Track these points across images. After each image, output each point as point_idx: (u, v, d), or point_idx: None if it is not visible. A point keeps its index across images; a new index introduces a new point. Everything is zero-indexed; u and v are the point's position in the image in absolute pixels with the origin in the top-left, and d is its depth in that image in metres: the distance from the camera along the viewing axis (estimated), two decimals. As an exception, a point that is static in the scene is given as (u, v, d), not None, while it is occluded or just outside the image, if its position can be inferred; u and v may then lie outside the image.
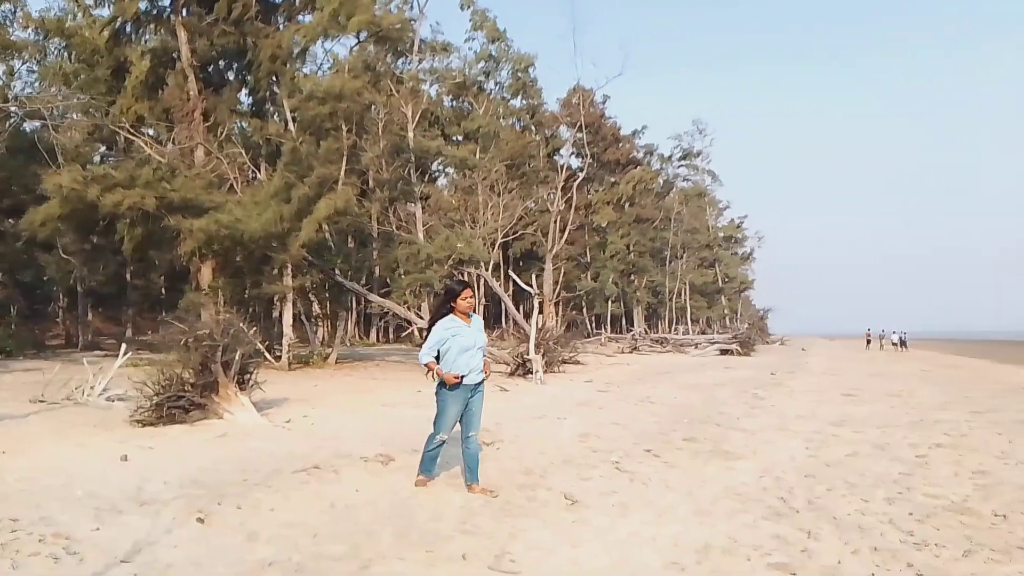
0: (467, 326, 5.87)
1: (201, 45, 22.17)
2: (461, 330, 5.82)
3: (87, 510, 5.13)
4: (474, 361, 5.86)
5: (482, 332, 6.09)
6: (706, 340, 42.05)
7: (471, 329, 5.90)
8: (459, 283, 6.06)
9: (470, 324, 5.91)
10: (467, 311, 5.90)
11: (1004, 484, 6.44)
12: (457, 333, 5.80)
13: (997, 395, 15.17)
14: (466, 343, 5.81)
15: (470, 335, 5.85)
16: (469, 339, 5.83)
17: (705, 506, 5.72)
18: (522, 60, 46.61)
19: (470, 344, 5.83)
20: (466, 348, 5.80)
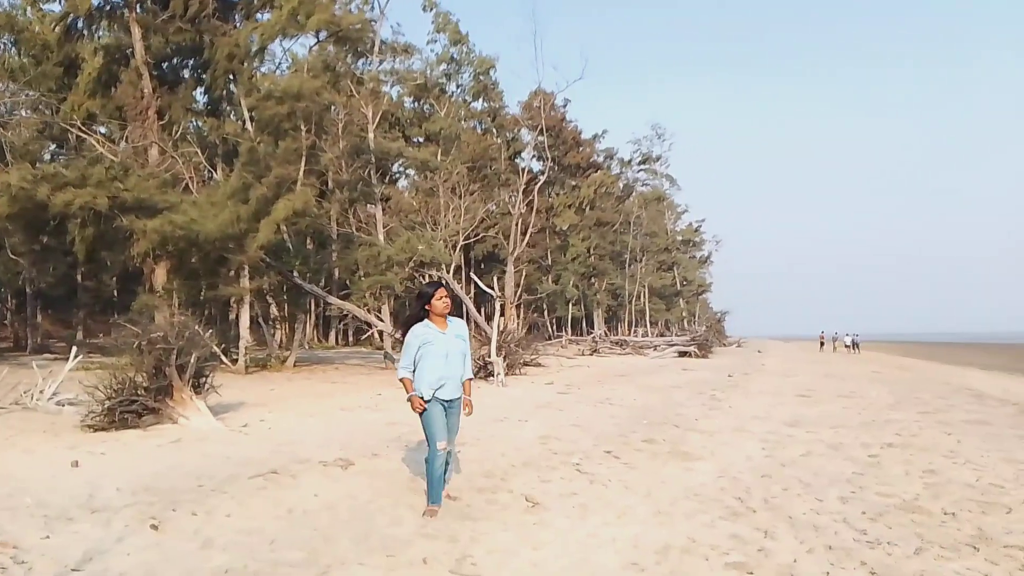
0: (442, 332, 5.31)
1: (156, 42, 21.77)
2: (434, 337, 5.29)
3: (36, 518, 4.99)
4: (449, 371, 5.29)
5: (464, 339, 5.48)
6: (665, 342, 42.49)
7: (446, 335, 5.32)
8: (431, 284, 5.45)
9: (446, 330, 5.34)
10: (442, 314, 5.32)
11: (953, 483, 6.62)
12: (429, 340, 5.28)
13: (945, 396, 15.59)
14: (439, 351, 5.26)
15: (443, 343, 5.29)
16: (442, 347, 5.27)
17: (664, 507, 5.78)
18: (483, 63, 46.69)
19: (442, 352, 5.27)
20: (439, 357, 5.26)
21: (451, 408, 5.41)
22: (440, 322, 5.35)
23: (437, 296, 5.31)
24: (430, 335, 5.30)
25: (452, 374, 5.32)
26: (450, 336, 5.35)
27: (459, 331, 5.45)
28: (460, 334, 5.44)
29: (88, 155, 22.97)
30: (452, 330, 5.38)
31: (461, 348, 5.40)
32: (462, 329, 5.49)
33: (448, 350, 5.30)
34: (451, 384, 5.34)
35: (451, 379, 5.32)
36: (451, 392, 5.35)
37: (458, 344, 5.38)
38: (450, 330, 5.37)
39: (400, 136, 42.11)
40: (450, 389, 5.33)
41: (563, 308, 57.94)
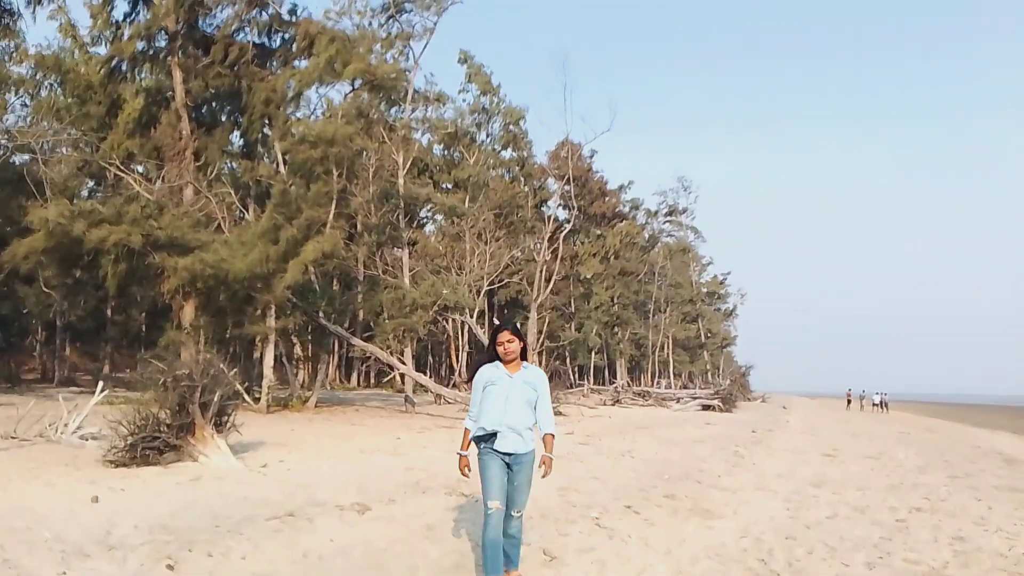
0: (509, 376, 4.70)
1: (196, 86, 22.43)
2: (499, 378, 4.71)
3: (53, 553, 5.00)
4: (509, 418, 4.63)
5: (536, 387, 4.76)
6: (688, 395, 42.01)
7: (514, 380, 4.69)
8: (498, 326, 4.89)
9: (515, 374, 4.72)
10: (510, 358, 4.70)
11: (983, 551, 6.42)
12: (492, 382, 4.71)
13: (975, 459, 15.20)
14: (499, 393, 4.67)
15: (506, 385, 4.68)
16: (503, 389, 4.67)
17: (684, 566, 5.66)
18: (513, 113, 47.33)
19: (502, 395, 4.66)
20: (499, 400, 4.67)
21: (515, 464, 4.66)
22: (512, 366, 4.76)
23: (499, 341, 4.74)
24: (495, 376, 4.74)
25: (513, 422, 4.62)
26: (517, 381, 4.71)
27: (530, 378, 4.77)
28: (530, 381, 4.75)
29: (125, 193, 23.56)
30: (522, 376, 4.74)
31: (527, 395, 4.70)
32: (535, 377, 4.82)
33: (510, 393, 4.66)
34: (512, 435, 4.63)
35: (512, 428, 4.63)
36: (512, 445, 4.63)
37: (524, 391, 4.70)
38: (519, 375, 4.73)
39: (429, 182, 42.66)
40: (511, 441, 4.63)
41: (585, 356, 57.63)
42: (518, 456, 4.65)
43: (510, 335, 4.72)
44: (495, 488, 4.58)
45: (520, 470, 4.65)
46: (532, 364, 4.91)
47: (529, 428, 4.69)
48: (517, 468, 4.65)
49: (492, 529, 4.56)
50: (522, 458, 4.67)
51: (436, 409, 24.80)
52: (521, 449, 4.65)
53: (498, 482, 4.60)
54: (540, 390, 4.80)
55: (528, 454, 4.69)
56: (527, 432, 4.67)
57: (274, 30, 23.80)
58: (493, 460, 4.62)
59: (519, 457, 4.66)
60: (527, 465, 4.71)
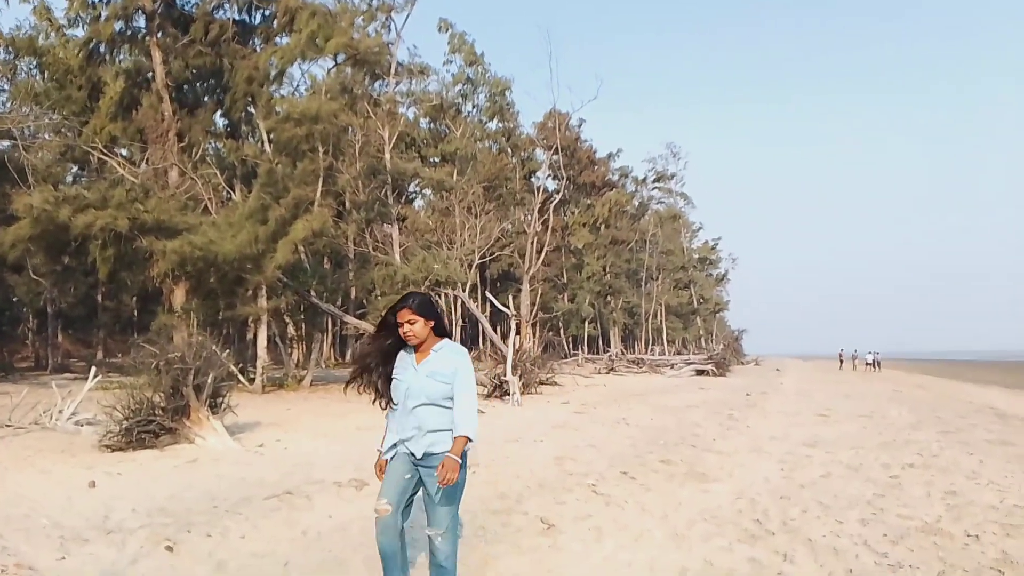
0: (414, 367, 3.72)
1: (176, 66, 22.14)
2: (403, 372, 3.76)
3: (51, 539, 5.01)
4: (407, 419, 3.70)
5: (445, 378, 3.67)
6: (682, 361, 42.24)
7: (418, 373, 3.70)
8: (398, 300, 3.82)
9: (418, 365, 3.72)
10: (413, 343, 3.72)
11: (975, 504, 6.50)
12: (396, 375, 3.79)
13: (966, 415, 15.37)
14: (399, 390, 3.74)
15: (407, 381, 3.71)
16: (402, 386, 3.72)
17: (681, 529, 5.71)
18: (499, 84, 46.97)
19: (401, 393, 3.73)
20: (398, 398, 3.76)
21: (426, 468, 3.68)
22: (423, 351, 3.76)
23: (399, 318, 3.71)
24: (400, 366, 3.80)
25: (414, 423, 3.68)
26: (420, 375, 3.70)
27: (440, 366, 3.70)
28: (440, 370, 3.68)
29: (109, 177, 23.29)
30: (429, 365, 3.70)
31: (433, 390, 3.65)
32: (450, 362, 3.72)
33: (410, 390, 3.70)
34: (418, 438, 3.68)
35: (413, 429, 3.69)
36: (420, 445, 3.67)
37: (428, 386, 3.66)
38: (426, 364, 3.71)
39: (416, 156, 42.41)
40: (419, 441, 3.67)
41: (579, 327, 57.79)
42: (427, 458, 3.66)
43: (411, 314, 3.66)
44: (389, 484, 3.69)
45: (431, 477, 3.64)
46: (453, 342, 3.85)
47: (446, 430, 3.67)
48: (427, 474, 3.67)
49: (380, 536, 3.69)
50: (432, 460, 3.63)
51: (432, 384, 24.84)
52: (428, 449, 3.65)
53: (397, 477, 3.70)
54: (457, 378, 3.69)
55: (440, 457, 3.60)
56: (442, 433, 3.66)
57: (254, 6, 23.44)
58: (398, 457, 3.75)
59: (428, 460, 3.66)
60: None
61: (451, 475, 3.48)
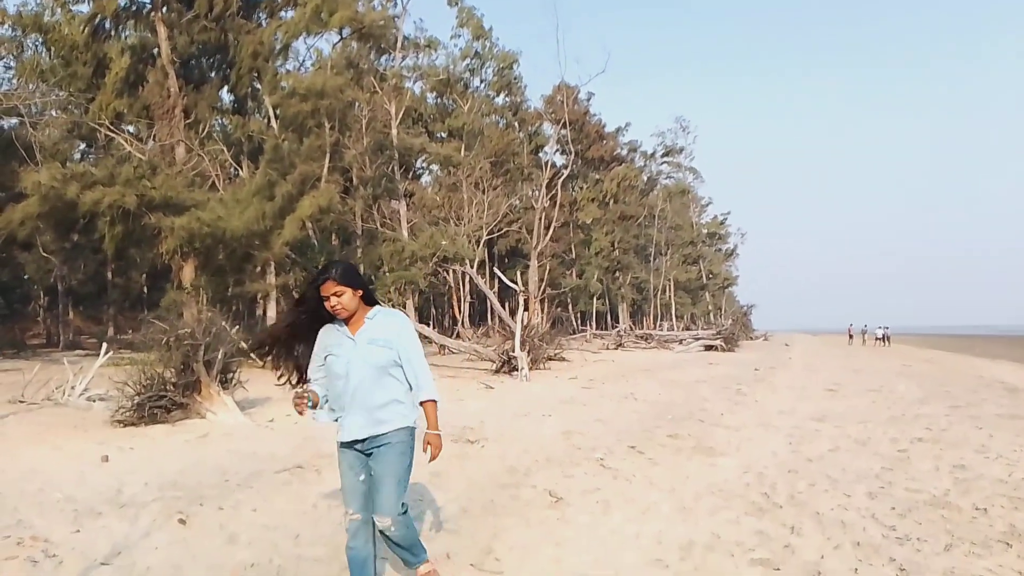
0: (351, 338, 3.37)
1: (181, 41, 22.03)
2: (339, 346, 3.39)
3: (65, 513, 5.07)
4: (353, 398, 3.35)
5: (389, 344, 3.37)
6: (690, 336, 42.23)
7: (357, 344, 3.36)
8: (320, 271, 3.43)
9: (356, 336, 3.37)
10: (343, 316, 3.37)
11: (983, 478, 6.50)
12: (331, 351, 3.41)
13: (976, 389, 15.33)
14: (339, 367, 3.37)
15: (347, 355, 3.35)
16: (343, 360, 3.35)
17: (688, 503, 5.73)
18: (506, 58, 46.58)
19: (342, 369, 3.35)
20: (339, 377, 3.38)
21: (373, 454, 3.38)
22: (356, 321, 3.42)
23: (323, 290, 3.33)
24: (334, 340, 3.41)
25: (359, 401, 3.34)
26: (361, 344, 3.35)
27: (380, 332, 3.39)
28: (381, 336, 3.37)
29: (116, 154, 23.31)
30: (367, 332, 3.37)
31: (379, 358, 3.34)
32: (390, 326, 3.43)
33: (351, 365, 3.34)
34: (360, 417, 3.35)
35: (359, 409, 3.35)
36: (358, 428, 3.35)
37: (373, 354, 3.34)
38: (364, 332, 3.38)
39: (423, 132, 42.19)
40: (356, 424, 3.35)
41: (587, 302, 57.78)
42: (371, 440, 3.35)
43: (336, 285, 3.29)
44: (348, 491, 3.44)
45: (378, 458, 3.34)
46: (386, 307, 3.55)
47: (396, 401, 3.39)
48: (374, 456, 3.36)
49: (351, 540, 3.47)
50: (379, 442, 3.34)
51: (440, 360, 24.95)
52: (372, 431, 3.34)
53: (351, 483, 3.42)
54: (401, 342, 3.40)
55: (387, 436, 3.35)
56: (388, 408, 3.37)
57: (258, -20, 23.26)
58: (345, 453, 3.43)
59: (372, 442, 3.35)
60: (388, 451, 3.36)
61: (438, 451, 3.42)
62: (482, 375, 18.15)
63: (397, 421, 3.39)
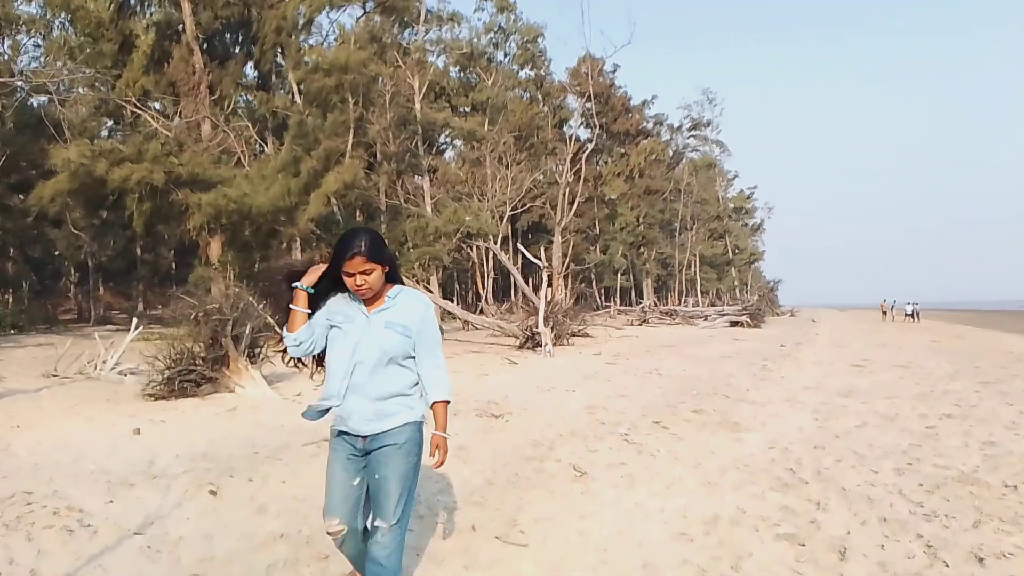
0: (365, 314, 2.96)
1: (205, 17, 22.06)
2: (350, 319, 2.97)
3: (99, 484, 5.18)
4: (357, 380, 2.92)
5: (411, 326, 2.97)
6: (715, 312, 41.98)
7: (371, 321, 2.95)
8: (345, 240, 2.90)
9: (371, 313, 2.96)
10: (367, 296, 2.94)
11: (1013, 455, 6.42)
12: (338, 322, 2.99)
13: (1006, 365, 15.10)
14: (347, 342, 2.94)
15: (359, 329, 2.94)
16: (353, 336, 2.94)
17: (713, 477, 5.73)
18: (530, 31, 46.11)
19: (349, 346, 2.93)
20: (344, 352, 2.94)
21: (372, 449, 2.96)
22: (373, 297, 2.98)
23: (349, 266, 2.86)
24: (344, 311, 3.00)
25: (363, 389, 2.92)
26: (376, 323, 2.94)
27: (398, 315, 2.96)
28: (398, 320, 2.95)
29: (143, 131, 23.47)
30: (385, 314, 2.96)
31: (390, 344, 2.92)
32: (410, 310, 3.00)
33: (360, 342, 2.92)
34: (363, 406, 2.92)
35: (361, 398, 2.92)
36: (362, 421, 2.93)
37: (386, 338, 2.92)
38: (380, 313, 2.96)
39: (447, 106, 41.99)
40: (361, 415, 2.93)
41: (611, 278, 57.57)
42: (376, 438, 2.94)
43: (367, 262, 2.85)
44: (335, 496, 3.01)
45: (382, 459, 2.93)
46: (408, 286, 3.11)
47: (402, 393, 2.98)
48: (377, 456, 2.95)
49: (341, 548, 3.14)
50: (385, 439, 2.94)
51: (464, 335, 25.07)
52: (377, 425, 2.93)
53: (341, 487, 3.00)
54: (420, 330, 3.00)
55: (395, 433, 2.94)
56: (393, 401, 2.96)
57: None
58: (337, 451, 3.02)
59: (377, 439, 2.94)
60: (396, 451, 2.94)
61: (445, 457, 3.02)
62: (506, 351, 18.20)
63: (405, 415, 2.98)
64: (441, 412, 3.08)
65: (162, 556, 3.98)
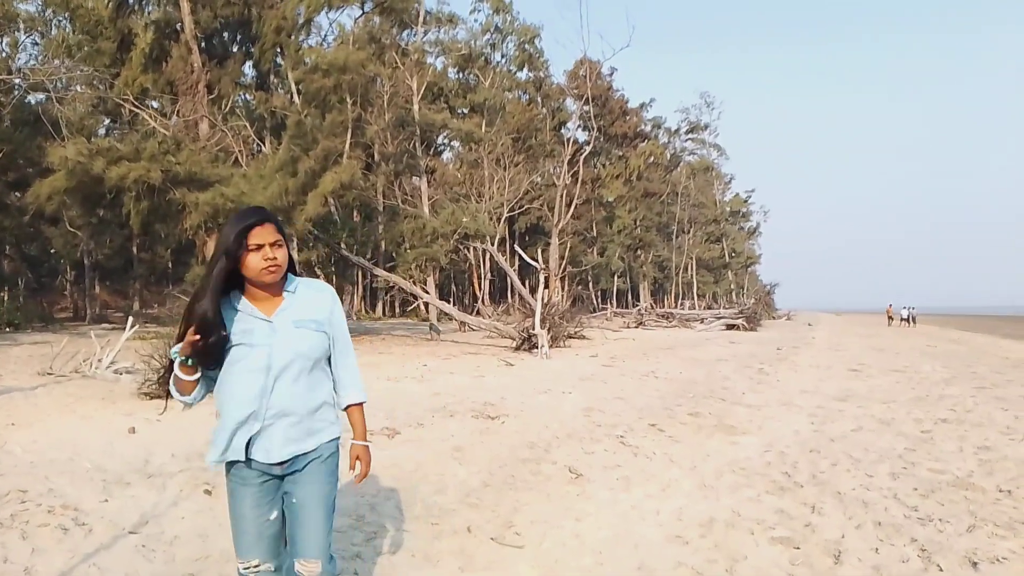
0: (267, 320, 2.42)
1: (204, 16, 22.07)
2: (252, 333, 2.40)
3: (94, 482, 5.17)
4: (276, 401, 2.38)
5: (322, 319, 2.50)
6: (712, 315, 42.03)
7: (276, 327, 2.41)
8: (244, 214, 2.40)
9: (274, 314, 2.43)
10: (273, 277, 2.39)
11: (1008, 460, 6.44)
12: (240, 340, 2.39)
13: (1002, 370, 15.14)
14: (257, 359, 2.38)
15: (266, 343, 2.39)
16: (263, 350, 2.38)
17: (709, 480, 5.74)
18: (528, 32, 46.23)
19: (262, 362, 2.37)
20: (255, 372, 2.37)
21: (293, 477, 2.47)
22: (266, 297, 2.44)
23: (250, 243, 2.33)
24: (244, 326, 2.40)
25: (283, 406, 2.39)
26: (283, 326, 2.42)
27: (304, 310, 2.47)
28: (307, 317, 2.46)
29: (141, 129, 23.49)
30: (289, 311, 2.45)
31: (308, 349, 2.43)
32: (315, 301, 2.52)
33: (273, 358, 2.38)
34: (281, 430, 2.40)
35: (280, 417, 2.40)
36: (283, 445, 2.41)
37: (301, 341, 2.42)
38: (284, 311, 2.44)
39: (445, 107, 42.07)
40: (280, 440, 2.40)
41: (608, 280, 57.65)
42: (295, 460, 2.46)
43: (276, 233, 2.39)
44: (249, 535, 2.46)
45: (303, 482, 2.47)
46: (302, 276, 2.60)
47: (327, 404, 2.55)
48: (298, 480, 2.47)
49: None
50: (306, 460, 2.48)
51: (461, 336, 25.06)
52: (300, 446, 2.45)
53: (255, 524, 2.45)
54: (335, 324, 2.55)
55: (318, 451, 2.50)
56: (320, 414, 2.51)
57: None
58: (244, 482, 2.44)
59: (296, 461, 2.46)
60: (317, 471, 2.50)
61: (368, 467, 2.64)
62: (502, 352, 18.20)
63: (329, 430, 2.53)
64: (359, 416, 2.67)
65: (157, 555, 3.98)
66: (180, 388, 2.46)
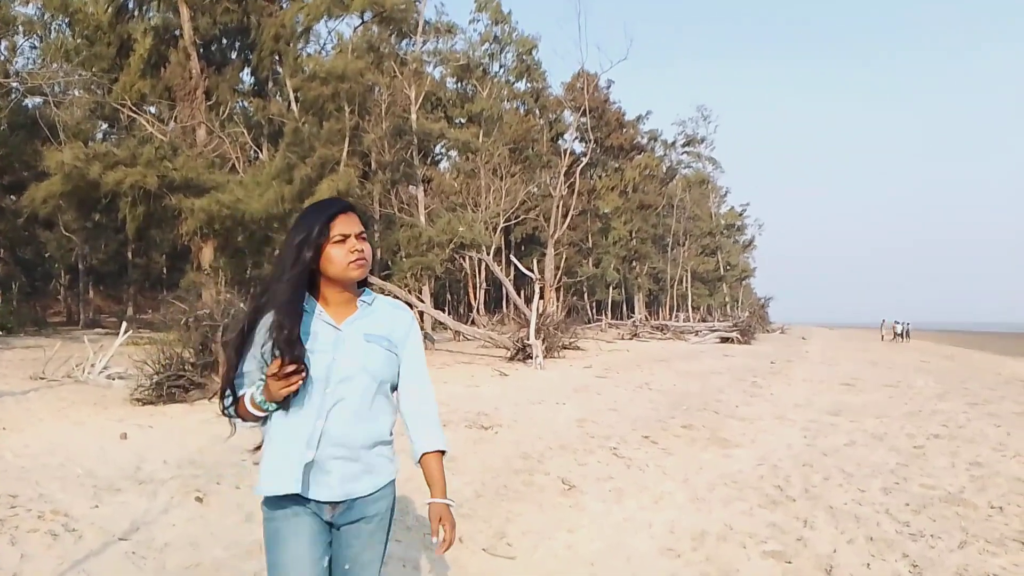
0: (335, 327, 2.06)
1: (203, 23, 22.13)
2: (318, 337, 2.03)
3: (85, 488, 5.15)
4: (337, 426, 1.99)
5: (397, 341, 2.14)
6: (706, 328, 42.04)
7: (345, 334, 2.06)
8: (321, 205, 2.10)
9: (344, 323, 2.07)
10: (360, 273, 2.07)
11: (1000, 476, 6.45)
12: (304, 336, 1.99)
13: (995, 387, 15.18)
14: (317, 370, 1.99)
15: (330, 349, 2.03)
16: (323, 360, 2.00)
17: (701, 493, 5.74)
18: (526, 43, 46.39)
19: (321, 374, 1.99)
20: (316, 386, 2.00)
21: (348, 520, 2.08)
22: (341, 303, 2.11)
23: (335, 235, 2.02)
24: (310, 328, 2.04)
25: (338, 432, 2.01)
26: (353, 335, 2.07)
27: (379, 326, 2.12)
28: (380, 333, 2.11)
29: (138, 135, 23.47)
30: (362, 322, 2.10)
31: (376, 367, 2.07)
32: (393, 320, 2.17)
33: (333, 367, 2.02)
34: (340, 464, 2.03)
35: (333, 445, 2.01)
36: (341, 481, 2.03)
37: (370, 357, 2.06)
38: (356, 320, 2.10)
39: (442, 117, 42.14)
40: (339, 475, 2.03)
41: (603, 292, 57.69)
42: (356, 504, 2.07)
43: (360, 222, 2.10)
44: None
45: (362, 533, 2.09)
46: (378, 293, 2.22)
47: (384, 441, 2.13)
48: (355, 529, 2.09)
49: None
50: (363, 507, 2.08)
51: (455, 346, 25.03)
52: (359, 489, 2.06)
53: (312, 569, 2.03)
54: (410, 349, 2.20)
55: (375, 498, 2.10)
56: (377, 450, 2.11)
57: (281, -38, 23.28)
58: (298, 524, 2.05)
59: (358, 506, 2.08)
60: (376, 526, 2.12)
61: (453, 535, 2.14)
62: (497, 362, 18.18)
63: (388, 469, 2.14)
64: (438, 468, 2.19)
65: (147, 562, 3.96)
66: (248, 417, 2.14)
